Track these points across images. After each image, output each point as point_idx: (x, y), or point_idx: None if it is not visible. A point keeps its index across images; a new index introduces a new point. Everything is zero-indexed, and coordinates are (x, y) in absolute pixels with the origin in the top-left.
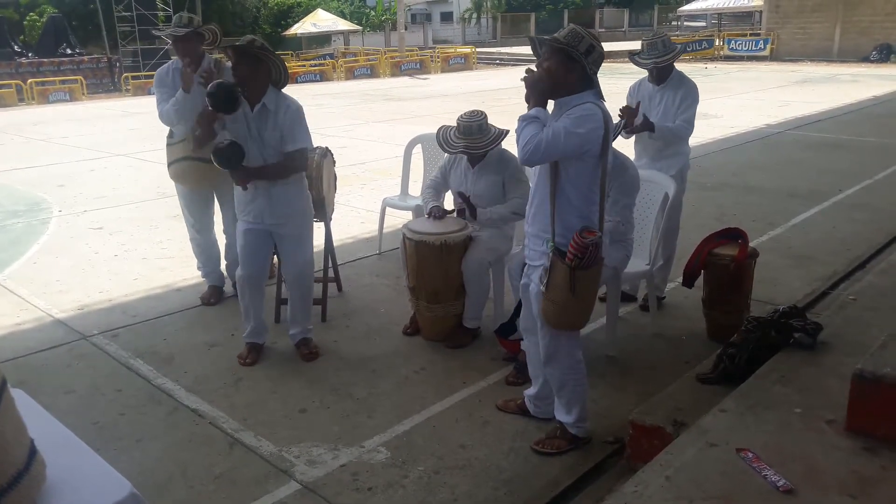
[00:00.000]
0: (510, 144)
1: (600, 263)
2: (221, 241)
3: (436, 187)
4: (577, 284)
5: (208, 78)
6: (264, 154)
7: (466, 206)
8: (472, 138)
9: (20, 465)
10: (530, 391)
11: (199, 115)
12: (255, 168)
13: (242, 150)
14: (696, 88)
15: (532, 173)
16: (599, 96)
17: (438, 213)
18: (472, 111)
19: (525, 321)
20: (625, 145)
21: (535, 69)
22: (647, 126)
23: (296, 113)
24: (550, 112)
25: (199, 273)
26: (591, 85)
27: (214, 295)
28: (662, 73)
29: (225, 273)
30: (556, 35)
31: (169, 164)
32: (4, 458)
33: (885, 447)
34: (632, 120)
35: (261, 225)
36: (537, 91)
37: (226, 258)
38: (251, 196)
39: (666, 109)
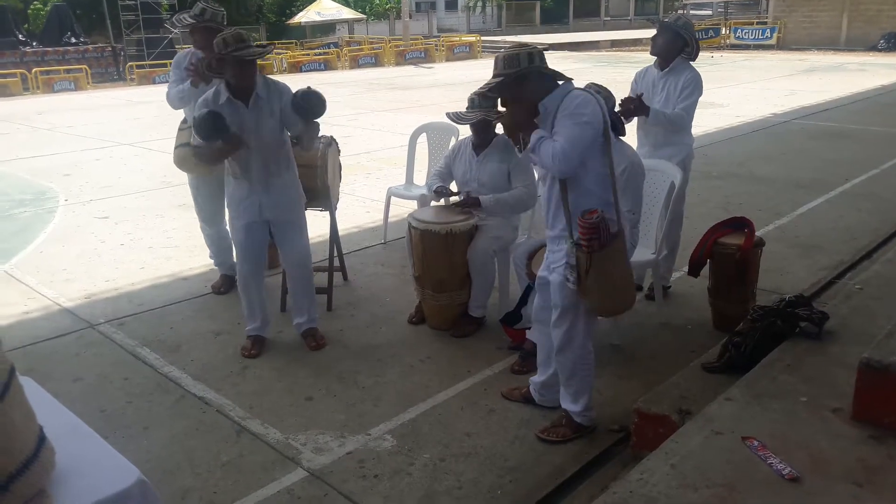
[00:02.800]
0: None
1: (619, 239)
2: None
3: (441, 178)
4: (604, 263)
5: (195, 72)
6: (267, 140)
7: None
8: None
9: (29, 452)
10: (537, 379)
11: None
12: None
13: (221, 115)
14: (700, 78)
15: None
16: (564, 78)
17: (443, 192)
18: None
19: (539, 313)
20: (627, 133)
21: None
22: (642, 110)
23: (290, 97)
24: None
25: (211, 262)
26: (554, 77)
27: (225, 284)
28: (666, 55)
29: None
30: (490, 80)
31: (174, 149)
32: (14, 445)
33: (892, 435)
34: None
35: (259, 218)
36: (518, 129)
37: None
38: (247, 192)
39: (668, 96)
